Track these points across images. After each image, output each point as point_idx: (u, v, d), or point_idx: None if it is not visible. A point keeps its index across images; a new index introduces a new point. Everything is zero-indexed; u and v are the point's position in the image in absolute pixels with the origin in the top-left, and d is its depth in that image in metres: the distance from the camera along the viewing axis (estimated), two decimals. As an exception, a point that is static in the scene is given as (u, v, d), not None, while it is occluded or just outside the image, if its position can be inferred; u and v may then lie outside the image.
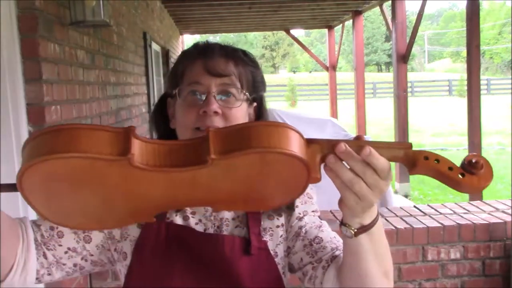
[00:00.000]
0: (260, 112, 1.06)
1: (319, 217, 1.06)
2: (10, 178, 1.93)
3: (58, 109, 2.13)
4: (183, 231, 0.99)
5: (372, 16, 47.58)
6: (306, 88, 30.97)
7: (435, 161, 0.73)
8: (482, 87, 5.78)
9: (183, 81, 0.99)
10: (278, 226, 1.02)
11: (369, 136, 7.13)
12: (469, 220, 2.75)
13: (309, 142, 0.74)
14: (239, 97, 0.98)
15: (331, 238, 1.00)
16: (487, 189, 0.76)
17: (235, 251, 0.97)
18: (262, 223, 1.01)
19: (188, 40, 12.99)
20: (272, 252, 1.00)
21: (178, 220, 1.00)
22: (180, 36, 11.32)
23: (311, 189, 1.07)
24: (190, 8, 8.17)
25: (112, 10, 3.25)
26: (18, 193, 0.72)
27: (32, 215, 1.94)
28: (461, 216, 2.82)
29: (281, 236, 1.02)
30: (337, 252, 0.96)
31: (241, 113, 0.98)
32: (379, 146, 0.73)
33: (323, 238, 0.99)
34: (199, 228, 1.00)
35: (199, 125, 0.95)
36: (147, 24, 5.47)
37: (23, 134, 1.90)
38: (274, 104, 23.75)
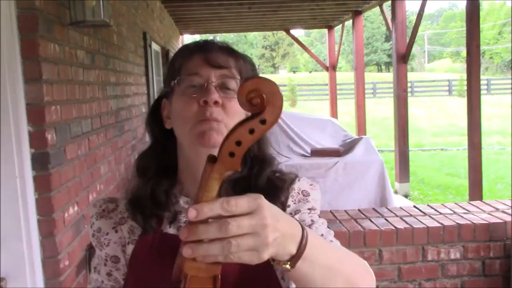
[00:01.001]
0: None
1: (318, 215, 1.01)
2: (10, 178, 1.93)
3: (58, 109, 2.13)
4: (177, 240, 0.97)
5: (372, 16, 47.57)
6: (306, 88, 30.96)
7: (236, 146, 0.63)
8: (482, 87, 5.78)
9: (181, 74, 0.96)
10: None
11: (369, 136, 7.14)
12: (469, 220, 2.75)
13: None
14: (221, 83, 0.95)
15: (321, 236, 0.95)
16: (487, 189, 0.74)
17: None
18: None
19: (188, 40, 12.99)
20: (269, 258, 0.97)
21: (172, 231, 0.99)
22: (180, 36, 11.31)
23: (311, 185, 1.04)
24: (190, 8, 8.17)
25: (112, 10, 3.25)
26: (18, 193, 0.71)
27: (32, 215, 1.94)
28: (461, 216, 2.82)
29: None
30: None
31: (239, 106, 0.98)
32: (200, 195, 0.63)
33: None
34: None
35: (199, 117, 0.92)
36: (147, 24, 5.47)
37: (23, 134, 1.90)
38: (274, 104, 23.57)
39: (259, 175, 0.99)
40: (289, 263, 0.68)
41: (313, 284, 0.73)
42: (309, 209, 1.01)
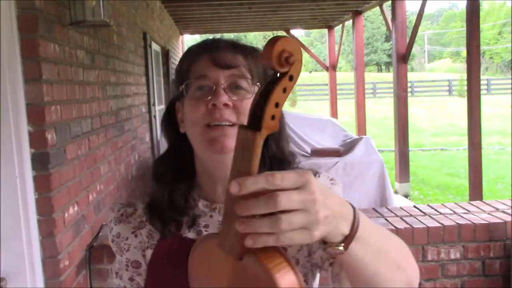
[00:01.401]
0: None
1: None
2: (10, 178, 1.93)
3: (58, 109, 2.13)
4: None
5: (372, 16, 47.56)
6: (306, 88, 30.95)
7: (275, 108, 0.62)
8: (482, 87, 5.78)
9: (189, 77, 0.93)
10: None
11: (369, 136, 7.14)
12: (469, 220, 2.75)
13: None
14: (249, 89, 0.92)
15: None
16: (487, 189, 0.73)
17: None
18: None
19: (188, 40, 13.00)
20: (292, 260, 0.93)
21: (191, 235, 0.97)
22: (180, 36, 11.31)
23: (331, 180, 1.01)
24: (190, 8, 8.17)
25: (112, 10, 3.25)
26: (18, 193, 0.72)
27: (32, 215, 1.94)
28: (461, 216, 2.82)
29: None
30: None
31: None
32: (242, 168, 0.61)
33: None
34: None
35: (209, 120, 0.89)
36: (147, 24, 5.47)
37: (23, 134, 1.90)
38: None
39: None
40: (342, 244, 0.65)
41: (364, 268, 0.71)
42: None
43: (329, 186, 1.00)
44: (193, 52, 0.96)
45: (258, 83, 0.93)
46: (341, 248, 0.66)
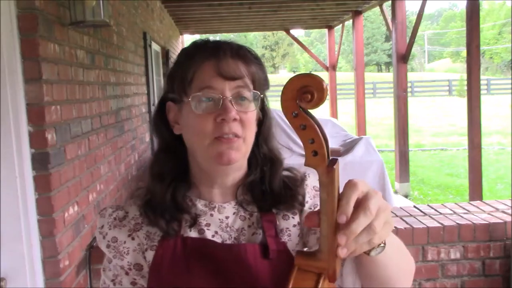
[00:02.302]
0: (264, 110, 1.02)
1: None
2: (10, 178, 1.93)
3: (58, 109, 2.13)
4: (201, 244, 0.95)
5: (372, 16, 47.57)
6: (306, 88, 30.91)
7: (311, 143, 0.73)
8: (482, 87, 5.78)
9: (192, 87, 0.93)
10: (294, 225, 0.99)
11: (369, 136, 7.14)
12: (469, 220, 2.74)
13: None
14: (252, 99, 0.94)
15: None
16: (487, 189, 0.78)
17: (258, 258, 0.94)
18: (278, 224, 0.98)
19: (188, 40, 12.98)
20: (293, 253, 0.95)
21: (193, 234, 0.97)
22: (180, 36, 11.31)
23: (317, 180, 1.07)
24: (190, 8, 8.17)
25: (112, 10, 3.25)
26: (18, 193, 0.73)
27: (32, 215, 1.94)
28: (461, 216, 2.82)
29: (298, 235, 0.99)
30: None
31: (254, 115, 0.96)
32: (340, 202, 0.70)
33: None
34: (217, 239, 0.97)
35: (218, 134, 0.91)
36: (147, 24, 5.47)
37: (23, 134, 1.90)
38: (274, 104, 23.64)
39: (273, 177, 1.00)
40: (383, 244, 0.74)
41: (391, 265, 0.80)
42: None
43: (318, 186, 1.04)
44: (195, 58, 0.95)
45: (259, 93, 0.95)
46: (383, 246, 0.74)
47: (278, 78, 36.75)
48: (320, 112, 17.76)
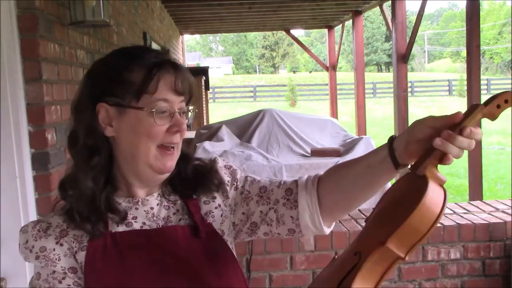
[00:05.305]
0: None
1: (246, 176, 1.14)
2: (10, 178, 1.93)
3: (58, 109, 2.13)
4: (131, 235, 1.00)
5: (372, 16, 47.60)
6: (306, 88, 30.94)
7: (505, 103, 0.91)
8: (482, 87, 5.77)
9: (147, 95, 0.98)
10: (216, 208, 1.08)
11: (369, 136, 7.14)
12: (469, 220, 2.75)
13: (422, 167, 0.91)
14: (187, 111, 1.05)
15: (270, 181, 1.10)
16: (487, 189, 0.80)
17: (187, 237, 1.01)
18: (200, 209, 1.06)
19: (188, 40, 12.99)
20: (219, 232, 1.06)
21: (121, 229, 1.01)
22: (180, 36, 11.32)
23: (224, 160, 1.15)
24: (190, 8, 8.17)
25: (112, 10, 3.25)
26: (18, 193, 0.73)
27: (32, 215, 1.93)
28: (461, 216, 2.82)
29: (221, 215, 1.08)
30: (287, 183, 1.07)
31: None
32: (469, 120, 0.88)
33: (265, 185, 1.09)
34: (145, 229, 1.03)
35: (165, 141, 0.99)
36: (147, 24, 5.47)
37: (23, 134, 1.90)
38: (274, 104, 23.72)
39: (186, 167, 1.09)
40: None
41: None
42: (241, 175, 1.13)
43: (228, 165, 1.14)
44: (149, 66, 0.98)
45: (194, 107, 1.07)
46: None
47: (278, 78, 36.80)
48: (320, 112, 17.76)
